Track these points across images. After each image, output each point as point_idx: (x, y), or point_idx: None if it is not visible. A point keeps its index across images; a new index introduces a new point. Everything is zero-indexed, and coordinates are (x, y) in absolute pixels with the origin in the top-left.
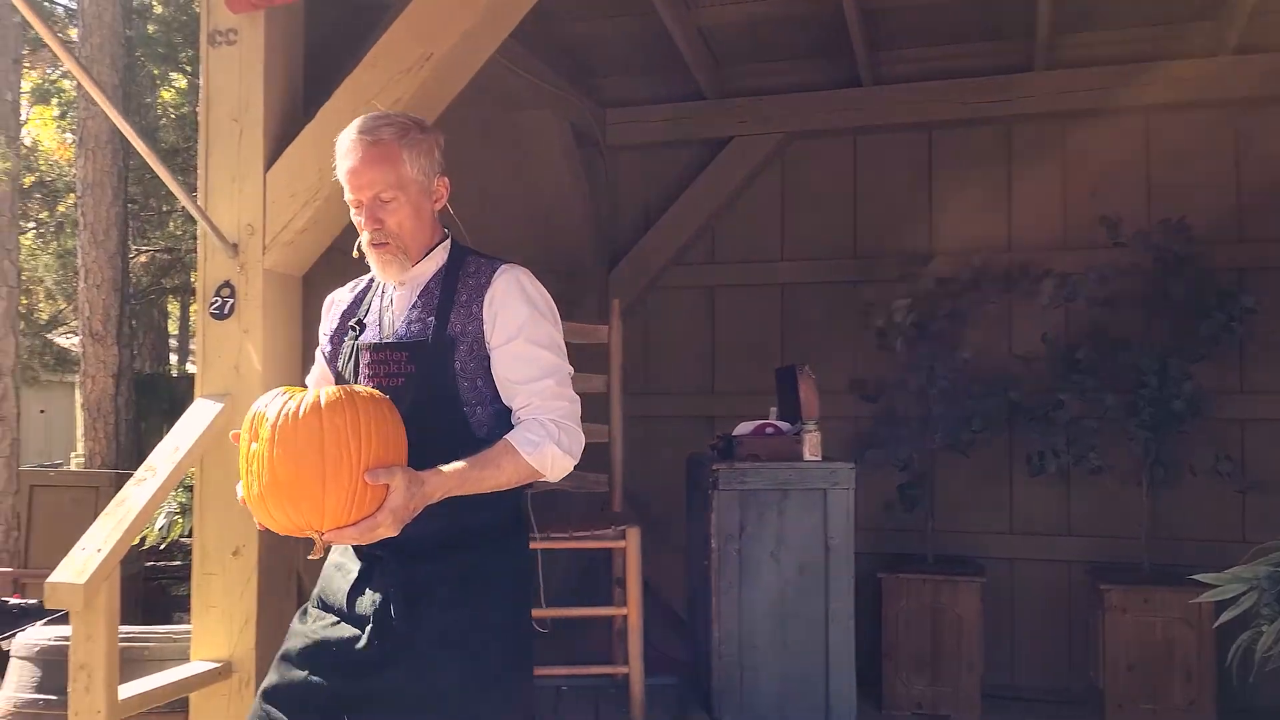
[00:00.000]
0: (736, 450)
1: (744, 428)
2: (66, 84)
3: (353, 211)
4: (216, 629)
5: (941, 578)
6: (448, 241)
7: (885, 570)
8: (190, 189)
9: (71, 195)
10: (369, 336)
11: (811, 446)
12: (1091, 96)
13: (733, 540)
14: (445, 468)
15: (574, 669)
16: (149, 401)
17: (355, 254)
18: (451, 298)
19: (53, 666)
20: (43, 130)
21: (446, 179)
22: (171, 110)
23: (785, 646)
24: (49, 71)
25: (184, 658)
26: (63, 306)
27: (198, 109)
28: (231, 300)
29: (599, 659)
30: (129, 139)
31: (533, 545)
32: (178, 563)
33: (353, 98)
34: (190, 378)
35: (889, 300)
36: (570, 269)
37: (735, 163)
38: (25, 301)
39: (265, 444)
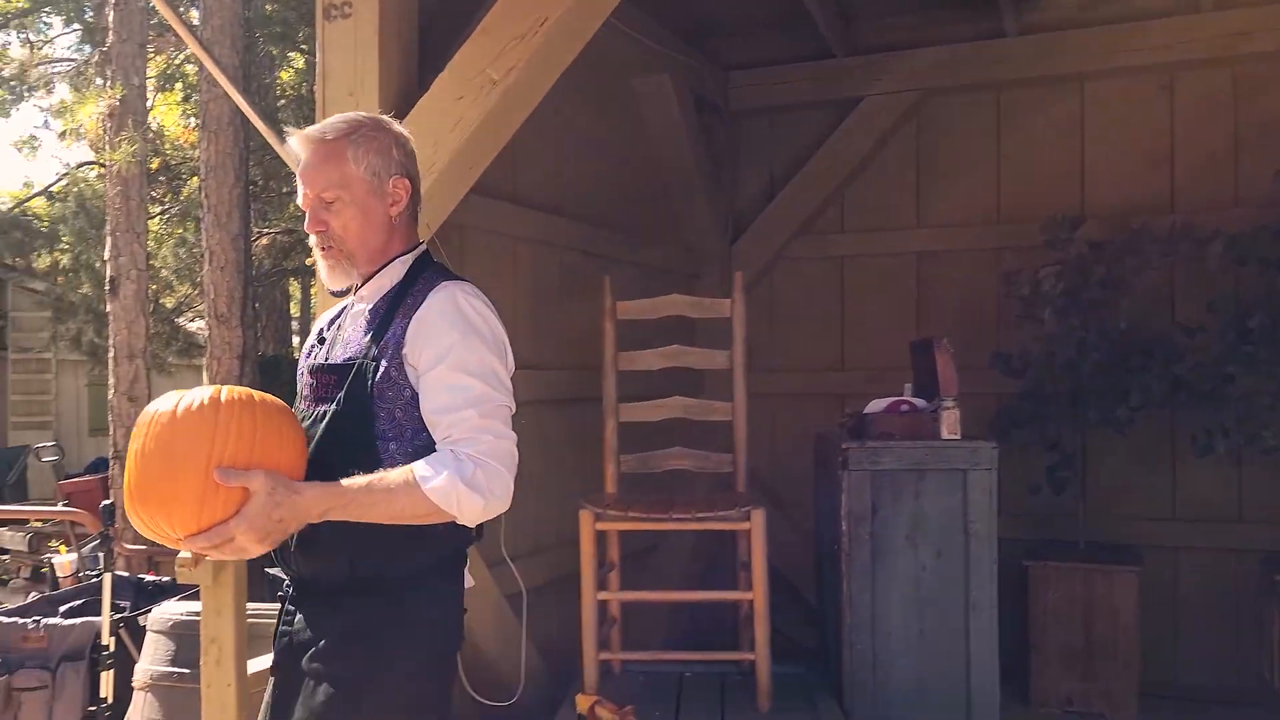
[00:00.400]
0: (869, 428)
1: (876, 405)
2: (190, 68)
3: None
4: None
5: (1094, 566)
6: (413, 254)
7: (1031, 558)
8: None
9: (195, 179)
10: (317, 357)
11: (950, 424)
12: (1270, 38)
13: (864, 523)
14: (329, 483)
15: (697, 654)
16: (271, 383)
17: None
18: (390, 318)
19: (185, 640)
20: (167, 115)
21: (407, 180)
22: (289, 90)
23: (922, 636)
24: (172, 55)
25: None
26: (188, 292)
27: (314, 87)
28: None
29: (723, 645)
30: (250, 120)
31: (657, 525)
32: None
33: (466, 67)
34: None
35: (1034, 268)
36: (691, 242)
37: (866, 125)
38: (154, 287)
39: (139, 440)
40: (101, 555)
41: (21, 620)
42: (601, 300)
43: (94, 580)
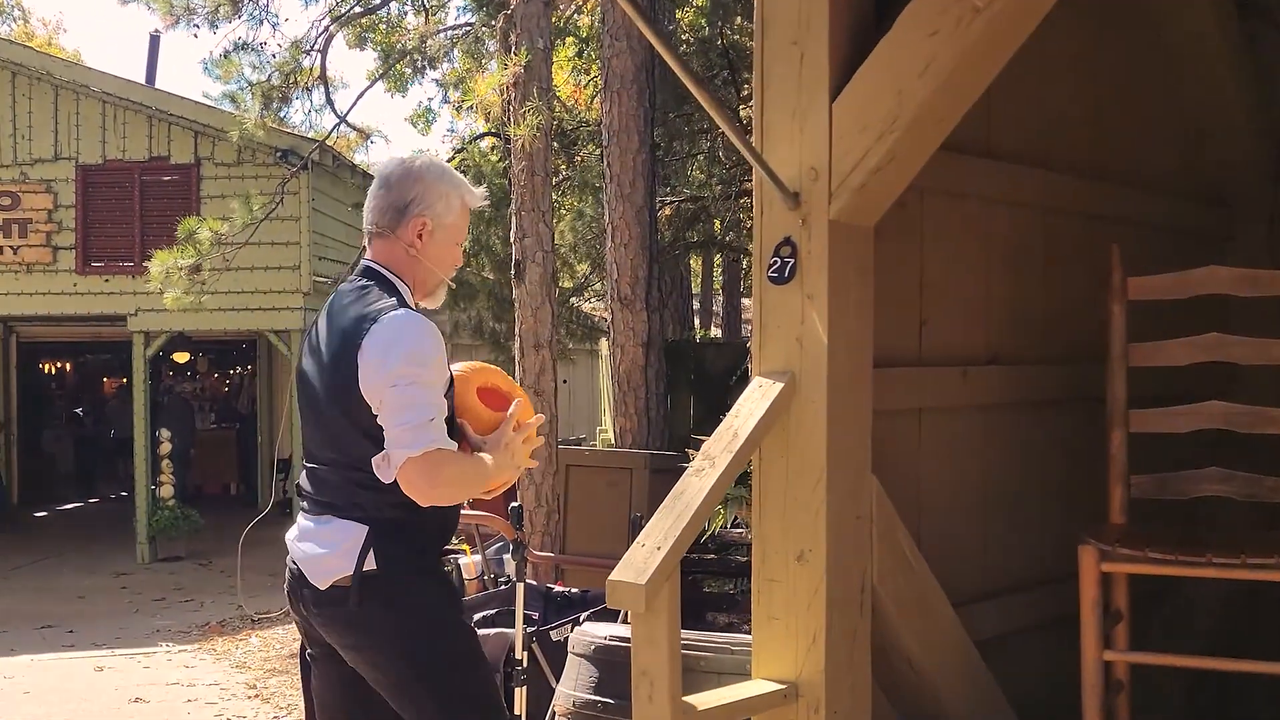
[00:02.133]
0: None
1: None
2: (583, 20)
3: (458, 248)
4: (781, 645)
5: None
6: None
7: None
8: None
9: (591, 145)
10: None
11: None
12: None
13: None
14: None
15: None
16: (674, 371)
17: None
18: None
19: (610, 667)
20: (557, 75)
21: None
22: (690, 35)
23: None
24: (563, 9)
25: (741, 672)
26: (586, 271)
27: (726, 32)
28: (792, 261)
29: None
30: (676, 72)
31: (1190, 571)
32: (712, 556)
33: None
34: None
35: None
36: (1224, 193)
37: None
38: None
39: None
40: (514, 562)
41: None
42: (1108, 275)
43: (502, 588)
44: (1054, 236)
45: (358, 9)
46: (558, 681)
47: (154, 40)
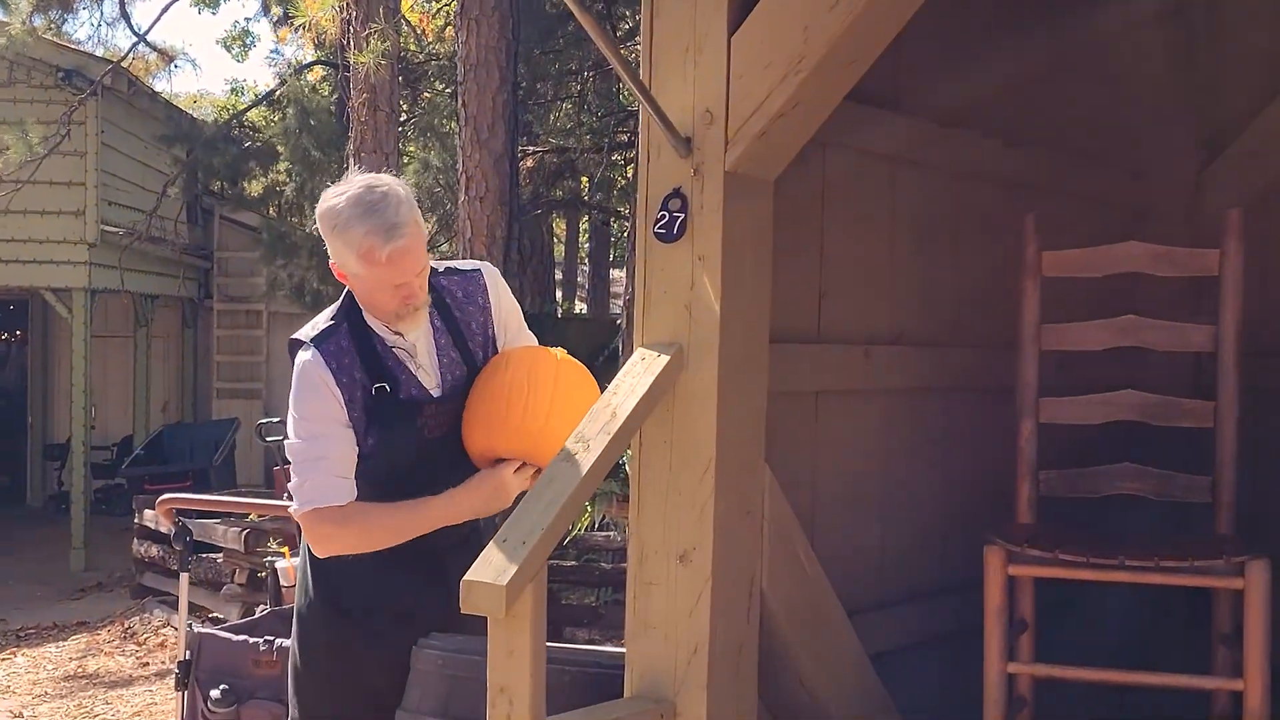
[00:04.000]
0: None
1: None
2: None
3: (389, 291)
4: (658, 657)
5: None
6: None
7: None
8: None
9: (439, 83)
10: (417, 391)
11: None
12: None
13: None
14: None
15: None
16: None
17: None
18: (457, 325)
19: (460, 685)
20: None
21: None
22: None
23: None
24: None
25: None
26: (432, 228)
27: None
28: (682, 216)
29: None
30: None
31: (1102, 575)
32: (571, 563)
33: None
34: (582, 319)
35: None
36: (1139, 165)
37: None
38: None
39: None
40: None
41: (253, 639)
42: (1021, 248)
43: None
44: (964, 203)
45: None
46: None
47: None
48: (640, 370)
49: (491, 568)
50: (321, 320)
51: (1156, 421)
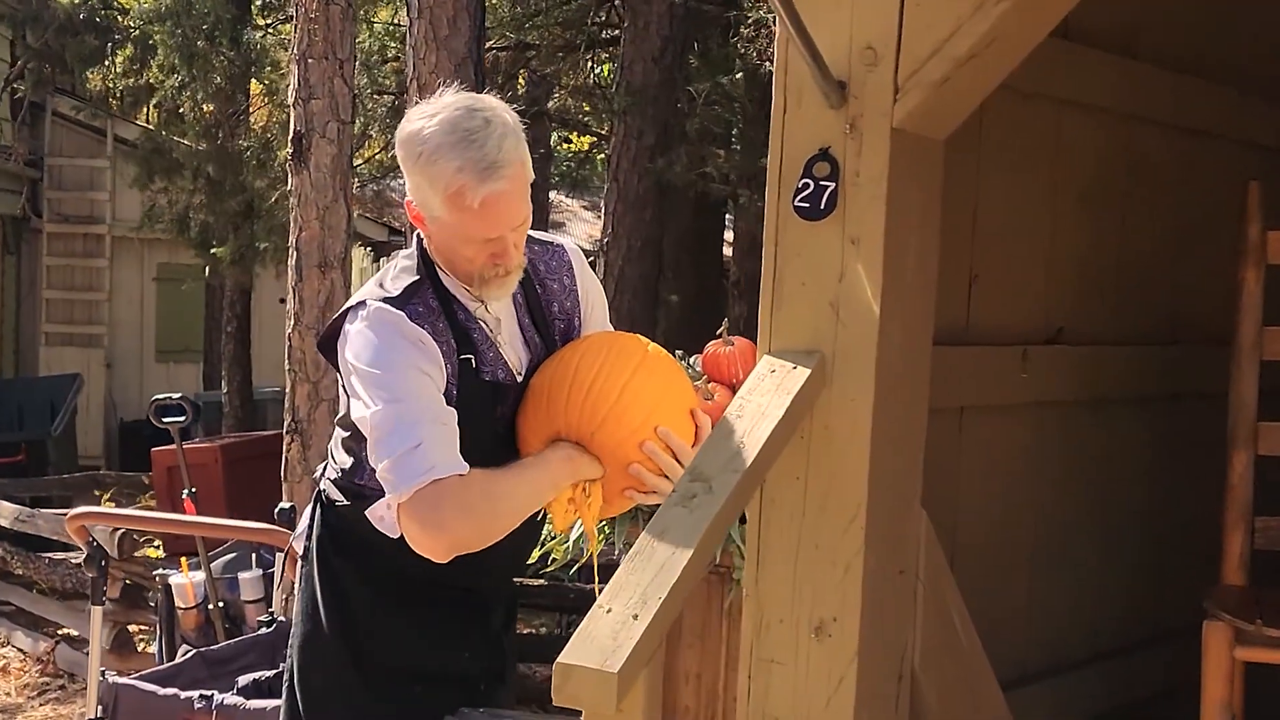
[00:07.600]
0: None
1: None
2: None
3: (477, 245)
4: None
5: None
6: None
7: None
8: None
9: None
10: (504, 375)
11: None
12: None
13: None
14: None
15: None
16: None
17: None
18: (540, 300)
19: None
20: None
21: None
22: None
23: None
24: None
25: None
26: (377, 153)
27: None
28: (832, 185)
29: None
30: None
31: None
32: (540, 582)
33: None
34: None
35: None
36: None
37: None
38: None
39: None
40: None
41: (184, 695)
42: (1242, 224)
43: (262, 631)
44: (1139, 161)
45: None
46: None
47: None
48: (770, 387)
49: (597, 648)
50: (389, 278)
51: None
